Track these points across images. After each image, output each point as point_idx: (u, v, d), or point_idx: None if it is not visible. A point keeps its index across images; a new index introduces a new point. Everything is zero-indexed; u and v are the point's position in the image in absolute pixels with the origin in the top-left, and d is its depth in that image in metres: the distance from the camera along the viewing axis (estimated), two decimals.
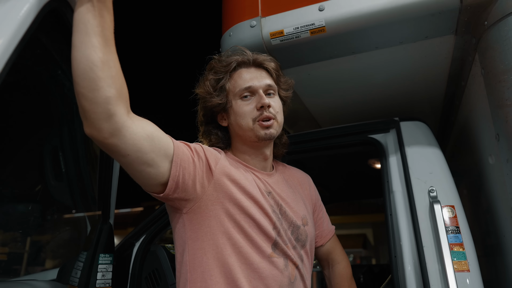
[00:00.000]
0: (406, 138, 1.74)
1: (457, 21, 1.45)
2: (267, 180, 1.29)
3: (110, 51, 0.94)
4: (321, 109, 2.27)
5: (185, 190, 1.12)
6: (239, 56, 1.31)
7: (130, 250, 1.95)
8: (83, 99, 0.91)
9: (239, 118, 1.26)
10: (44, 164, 1.58)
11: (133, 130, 0.98)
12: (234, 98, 1.28)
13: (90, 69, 0.89)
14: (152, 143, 1.03)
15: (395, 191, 1.61)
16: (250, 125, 1.24)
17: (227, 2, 1.81)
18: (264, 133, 1.24)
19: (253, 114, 1.24)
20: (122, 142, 0.96)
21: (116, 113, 0.93)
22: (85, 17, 0.91)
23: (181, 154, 1.10)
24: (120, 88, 0.94)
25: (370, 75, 1.89)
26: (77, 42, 0.90)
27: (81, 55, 0.90)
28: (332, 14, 1.49)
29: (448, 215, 1.45)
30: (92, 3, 0.91)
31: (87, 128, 0.94)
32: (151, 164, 1.04)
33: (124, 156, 0.99)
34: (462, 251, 1.37)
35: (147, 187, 1.11)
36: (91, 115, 0.91)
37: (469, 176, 1.99)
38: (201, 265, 1.13)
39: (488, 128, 1.46)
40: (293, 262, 1.22)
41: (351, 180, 3.22)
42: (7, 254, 1.43)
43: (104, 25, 0.93)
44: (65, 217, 1.79)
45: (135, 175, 1.06)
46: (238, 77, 1.29)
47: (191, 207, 1.15)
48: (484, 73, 1.43)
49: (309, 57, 1.70)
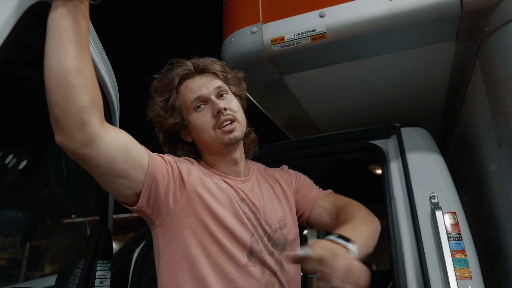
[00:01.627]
0: (407, 144, 1.74)
1: (457, 28, 1.45)
2: (240, 187, 1.26)
3: (85, 58, 0.90)
4: (321, 115, 2.27)
5: (157, 202, 1.10)
6: (179, 69, 1.26)
7: (130, 256, 1.94)
8: (56, 107, 0.87)
9: (199, 132, 1.22)
10: (45, 170, 1.57)
11: (107, 140, 0.95)
12: (188, 113, 1.24)
13: (63, 77, 0.85)
14: (126, 154, 1.00)
15: (396, 197, 1.61)
16: (213, 135, 1.20)
17: (228, 8, 1.81)
18: (228, 138, 1.20)
19: (211, 123, 1.20)
20: (95, 153, 0.93)
21: (90, 122, 0.90)
22: (60, 22, 0.86)
23: (156, 165, 1.08)
24: (95, 97, 0.91)
25: (371, 81, 1.89)
26: (51, 48, 0.86)
27: (55, 62, 0.86)
28: (333, 21, 1.49)
29: (449, 222, 1.45)
30: (67, 8, 0.87)
31: (58, 137, 0.90)
32: (124, 175, 1.01)
33: (96, 166, 0.96)
34: (464, 258, 1.36)
35: (119, 198, 1.09)
36: (64, 124, 0.88)
37: (470, 182, 1.98)
38: (176, 278, 1.12)
39: (489, 134, 1.46)
40: (270, 269, 1.19)
41: (352, 186, 3.21)
42: (5, 259, 1.42)
43: (79, 32, 0.89)
44: (65, 223, 1.78)
45: (107, 186, 1.04)
46: (185, 91, 1.25)
47: (164, 219, 1.13)
48: (485, 79, 1.43)
49: (309, 63, 1.70)
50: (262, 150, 1.87)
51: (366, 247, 1.07)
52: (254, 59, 1.65)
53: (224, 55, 1.74)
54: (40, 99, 1.34)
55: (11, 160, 1.42)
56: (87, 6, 0.92)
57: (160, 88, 1.26)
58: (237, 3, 1.75)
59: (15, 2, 0.87)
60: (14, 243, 1.45)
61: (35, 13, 0.94)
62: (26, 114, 1.39)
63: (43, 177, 1.56)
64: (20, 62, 1.16)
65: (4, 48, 0.83)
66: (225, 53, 1.72)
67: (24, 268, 1.57)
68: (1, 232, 1.36)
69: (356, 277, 0.84)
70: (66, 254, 1.77)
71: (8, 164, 1.40)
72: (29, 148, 1.51)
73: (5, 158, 1.39)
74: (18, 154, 1.45)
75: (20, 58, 1.13)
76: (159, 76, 1.30)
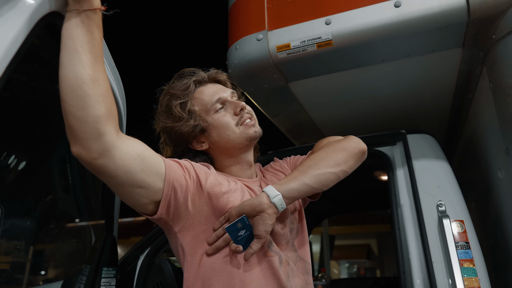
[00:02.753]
0: (413, 151, 1.73)
1: (464, 35, 1.45)
2: (255, 187, 1.29)
3: (100, 68, 0.91)
4: (327, 121, 2.27)
5: (176, 209, 1.10)
6: (193, 77, 1.29)
7: (135, 263, 1.93)
8: (72, 118, 0.87)
9: (223, 131, 1.24)
10: (51, 176, 1.57)
11: (122, 150, 0.94)
12: (208, 115, 1.25)
13: (79, 87, 0.86)
14: (142, 163, 1.00)
15: (403, 205, 1.60)
16: (237, 132, 1.23)
17: (233, 16, 1.82)
18: (253, 131, 1.24)
19: (234, 120, 1.24)
20: (111, 163, 0.92)
21: (106, 132, 0.89)
22: (74, 33, 0.88)
23: (173, 173, 1.08)
24: (110, 107, 0.91)
25: (377, 87, 1.89)
26: (65, 59, 0.87)
27: (70, 73, 0.86)
28: (339, 28, 1.49)
29: (457, 230, 1.43)
30: (81, 19, 0.88)
31: (75, 148, 0.90)
32: (142, 185, 1.01)
33: (113, 177, 0.96)
34: (473, 267, 1.34)
35: (137, 207, 1.08)
36: (80, 135, 0.88)
37: (477, 189, 1.97)
38: (202, 277, 1.13)
39: (497, 142, 1.45)
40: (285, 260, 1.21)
41: (357, 192, 3.20)
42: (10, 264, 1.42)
43: (93, 42, 0.90)
44: (70, 229, 1.78)
45: (125, 196, 1.03)
46: (202, 95, 1.27)
47: (184, 224, 1.13)
48: (492, 87, 1.42)
49: (315, 70, 1.70)
50: (267, 157, 1.87)
51: (317, 176, 1.15)
52: (259, 66, 1.65)
53: (229, 62, 1.74)
54: (50, 108, 1.35)
55: (18, 166, 1.43)
56: (100, 16, 0.92)
57: (176, 93, 1.27)
58: (243, 10, 1.76)
59: (28, 12, 0.87)
60: (19, 249, 1.45)
61: (47, 23, 0.94)
62: (35, 121, 1.40)
63: (49, 183, 1.57)
64: (32, 71, 1.16)
65: (17, 58, 0.83)
66: (231, 60, 1.73)
67: (30, 274, 1.57)
68: (7, 237, 1.36)
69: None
70: (71, 261, 1.77)
71: (14, 170, 1.40)
72: (36, 154, 1.51)
73: (12, 163, 1.40)
74: (24, 160, 1.45)
75: (32, 68, 1.14)
76: (169, 84, 1.31)
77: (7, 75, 0.83)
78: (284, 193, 1.10)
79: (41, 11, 0.91)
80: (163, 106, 1.29)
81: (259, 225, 1.08)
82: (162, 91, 1.32)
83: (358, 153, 1.25)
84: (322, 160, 1.18)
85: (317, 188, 1.15)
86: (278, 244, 1.21)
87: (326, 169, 1.16)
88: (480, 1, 1.31)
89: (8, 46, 0.83)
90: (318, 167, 1.16)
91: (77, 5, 0.89)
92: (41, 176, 1.57)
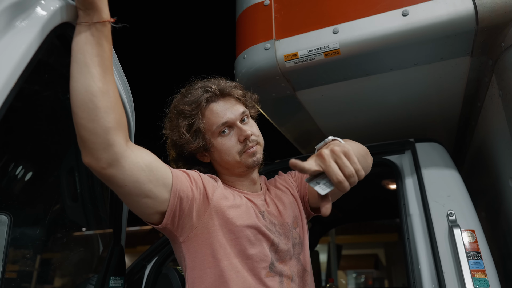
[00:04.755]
0: (422, 160, 1.71)
1: (473, 43, 1.44)
2: (258, 202, 1.30)
3: (109, 80, 0.92)
4: (334, 130, 2.26)
5: (181, 219, 1.11)
6: (205, 93, 1.25)
7: (142, 272, 1.93)
8: (82, 130, 0.89)
9: (224, 155, 1.24)
10: (59, 185, 1.58)
11: (131, 160, 0.96)
12: (213, 137, 1.25)
13: (89, 100, 0.88)
14: (150, 173, 1.01)
15: (412, 214, 1.58)
16: (237, 159, 1.23)
17: (241, 25, 1.83)
18: (252, 161, 1.24)
19: (237, 148, 1.23)
20: (120, 173, 0.95)
21: (115, 143, 0.92)
22: (84, 47, 0.90)
23: (180, 184, 1.09)
24: (119, 118, 0.94)
25: (384, 96, 1.88)
26: (76, 72, 0.89)
27: (80, 86, 0.88)
28: (346, 37, 1.49)
29: (468, 240, 1.41)
30: (91, 32, 0.90)
31: (86, 158, 0.92)
32: (149, 195, 1.03)
33: (122, 186, 0.98)
34: (485, 278, 1.32)
35: (144, 217, 1.10)
36: (90, 145, 0.90)
37: (487, 199, 1.94)
38: None
39: (507, 151, 1.44)
40: (288, 276, 1.21)
41: (364, 201, 3.17)
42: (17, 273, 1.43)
43: (103, 55, 0.91)
44: (78, 238, 1.78)
45: (132, 205, 1.05)
46: (210, 114, 1.25)
47: (188, 235, 1.15)
48: (502, 95, 1.41)
49: (323, 78, 1.70)
50: (274, 166, 1.86)
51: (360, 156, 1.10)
52: (267, 75, 1.66)
53: (237, 71, 1.75)
54: (60, 117, 1.36)
55: (26, 175, 1.44)
56: (110, 28, 0.94)
57: (185, 110, 1.25)
58: (251, 20, 1.77)
59: (40, 23, 0.89)
60: (27, 257, 1.45)
61: (59, 33, 0.96)
62: (45, 131, 1.41)
63: (57, 191, 1.58)
64: (44, 81, 1.18)
65: (29, 67, 0.85)
66: (239, 69, 1.74)
67: (37, 282, 1.57)
68: (15, 245, 1.37)
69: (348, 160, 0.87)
70: (79, 270, 1.77)
71: (23, 179, 1.42)
72: (45, 163, 1.53)
73: (21, 172, 1.41)
74: (33, 169, 1.47)
75: (43, 78, 1.15)
76: (180, 95, 1.31)
77: (19, 85, 0.84)
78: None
79: (53, 22, 0.92)
80: (171, 119, 1.30)
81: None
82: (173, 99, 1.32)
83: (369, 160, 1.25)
84: (358, 147, 1.18)
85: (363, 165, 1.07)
86: (282, 260, 1.22)
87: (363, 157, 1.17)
88: (489, 10, 1.31)
89: (21, 56, 0.84)
90: (360, 153, 1.15)
91: (87, 18, 0.91)
92: (50, 185, 1.58)
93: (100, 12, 0.91)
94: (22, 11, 0.88)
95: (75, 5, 0.94)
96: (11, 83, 0.81)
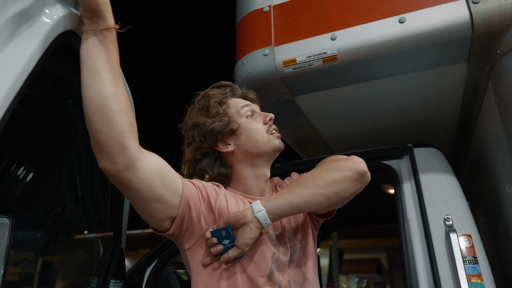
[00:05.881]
0: (420, 165, 1.73)
1: (469, 50, 1.46)
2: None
3: (120, 84, 0.95)
4: (334, 134, 2.28)
5: (189, 226, 1.13)
6: (229, 88, 1.38)
7: (142, 275, 1.94)
8: (98, 134, 0.91)
9: (253, 134, 1.27)
10: (60, 188, 1.60)
11: (145, 163, 0.98)
12: (240, 118, 1.30)
13: (103, 104, 0.90)
14: (162, 177, 1.03)
15: (410, 219, 1.59)
16: (266, 138, 1.27)
17: (241, 31, 1.86)
18: (279, 143, 1.29)
19: (264, 128, 1.29)
20: (135, 176, 0.96)
21: (130, 146, 0.94)
22: (93, 53, 0.92)
23: (188, 191, 1.11)
24: (132, 121, 0.96)
25: (383, 102, 1.90)
26: (88, 79, 0.92)
27: (93, 92, 0.91)
28: (344, 43, 1.51)
29: (464, 245, 1.42)
30: (98, 38, 0.93)
31: (102, 162, 0.94)
32: (161, 199, 1.04)
33: (136, 190, 0.99)
34: (481, 282, 1.33)
35: (153, 223, 1.11)
36: (106, 149, 0.92)
37: (485, 203, 1.95)
38: None
39: (504, 156, 1.45)
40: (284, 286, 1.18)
41: (364, 205, 3.18)
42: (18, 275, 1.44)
43: (111, 60, 0.94)
44: (79, 241, 1.80)
45: (143, 211, 1.06)
46: (235, 102, 1.34)
47: (193, 243, 1.16)
48: (498, 101, 1.43)
49: (321, 84, 1.72)
50: (274, 170, 1.88)
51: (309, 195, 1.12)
52: (266, 80, 1.68)
53: (237, 77, 1.78)
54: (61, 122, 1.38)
55: (27, 178, 1.46)
56: (115, 34, 0.97)
57: (215, 95, 1.33)
58: (250, 26, 1.79)
59: (44, 31, 0.91)
60: (28, 260, 1.47)
61: (62, 41, 0.98)
62: (46, 134, 1.44)
63: (58, 194, 1.60)
64: (47, 88, 1.20)
65: (33, 74, 0.87)
66: (238, 74, 1.76)
67: (37, 285, 1.58)
68: (16, 248, 1.38)
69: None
70: (79, 272, 1.79)
71: (24, 182, 1.44)
72: (46, 167, 1.55)
73: (22, 175, 1.43)
74: (34, 172, 1.49)
75: (47, 84, 1.18)
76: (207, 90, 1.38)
77: (23, 91, 0.86)
78: (268, 210, 1.11)
79: (56, 30, 0.95)
80: (200, 103, 1.35)
81: (239, 236, 1.10)
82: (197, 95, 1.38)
83: (354, 176, 1.14)
84: (312, 179, 1.15)
85: (303, 208, 1.13)
86: (282, 269, 1.20)
87: (315, 190, 1.12)
88: (484, 17, 1.33)
89: (25, 63, 0.87)
90: (306, 186, 1.13)
91: (93, 25, 0.94)
92: (51, 187, 1.60)
93: (106, 19, 0.94)
94: (27, 20, 0.90)
95: (80, 14, 0.97)
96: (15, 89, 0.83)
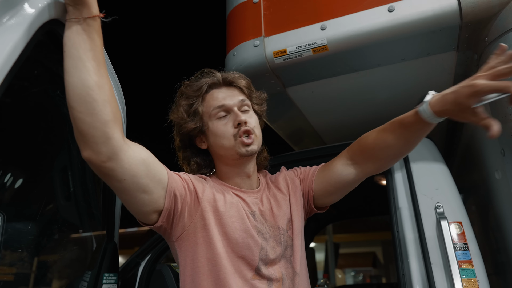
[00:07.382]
0: (411, 154, 1.73)
1: (458, 38, 1.46)
2: (252, 199, 1.28)
3: (103, 73, 0.94)
4: (325, 126, 2.29)
5: (175, 218, 1.12)
6: (208, 79, 1.28)
7: (136, 269, 1.94)
8: (81, 124, 0.90)
9: (218, 139, 1.24)
10: (52, 182, 1.59)
11: (129, 154, 0.97)
12: (210, 120, 1.25)
13: (86, 93, 0.89)
14: (147, 168, 1.02)
15: (401, 207, 1.60)
16: (232, 143, 1.21)
17: (231, 22, 1.85)
18: (245, 150, 1.21)
19: (232, 132, 1.22)
20: (119, 166, 0.95)
21: (114, 136, 0.93)
22: (76, 41, 0.91)
23: (174, 182, 1.10)
24: (116, 111, 0.95)
25: (374, 92, 1.91)
26: (71, 67, 0.90)
27: (76, 80, 0.89)
28: (334, 33, 1.51)
29: (455, 232, 1.43)
30: (82, 27, 0.92)
31: (85, 152, 0.93)
32: (146, 190, 1.03)
33: (120, 181, 0.98)
34: (471, 268, 1.34)
35: (139, 216, 1.10)
36: (90, 139, 0.91)
37: (477, 192, 1.97)
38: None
39: (493, 143, 1.46)
40: (277, 279, 1.19)
41: (358, 197, 3.19)
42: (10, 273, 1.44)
43: (95, 49, 0.93)
44: (71, 236, 1.79)
45: (129, 202, 1.05)
46: (210, 99, 1.27)
47: (180, 235, 1.15)
48: None
49: (312, 75, 1.72)
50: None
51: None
52: (257, 71, 1.68)
53: (227, 68, 1.77)
54: (50, 114, 1.37)
55: (18, 173, 1.45)
56: (99, 23, 0.95)
57: (187, 92, 1.29)
58: (240, 17, 1.79)
59: (28, 21, 0.90)
60: (19, 256, 1.46)
61: (47, 30, 0.97)
62: (36, 128, 1.42)
63: (50, 189, 1.59)
64: (33, 78, 1.19)
65: (17, 64, 0.86)
66: (229, 66, 1.75)
67: (30, 280, 1.58)
68: (8, 243, 1.38)
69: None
70: (72, 267, 1.78)
71: (15, 177, 1.43)
72: (37, 161, 1.54)
73: (13, 170, 1.42)
74: (25, 167, 1.48)
75: (32, 74, 1.17)
76: (187, 82, 1.32)
77: (8, 81, 0.85)
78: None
79: (41, 19, 0.94)
80: (175, 102, 1.32)
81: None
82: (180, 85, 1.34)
83: None
84: None
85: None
86: (272, 263, 1.20)
87: None
88: (472, 5, 1.34)
89: (8, 53, 0.86)
90: None
91: (77, 13, 0.92)
92: (42, 182, 1.59)
93: (90, 7, 0.93)
94: (10, 8, 0.89)
95: (64, 2, 0.95)
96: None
